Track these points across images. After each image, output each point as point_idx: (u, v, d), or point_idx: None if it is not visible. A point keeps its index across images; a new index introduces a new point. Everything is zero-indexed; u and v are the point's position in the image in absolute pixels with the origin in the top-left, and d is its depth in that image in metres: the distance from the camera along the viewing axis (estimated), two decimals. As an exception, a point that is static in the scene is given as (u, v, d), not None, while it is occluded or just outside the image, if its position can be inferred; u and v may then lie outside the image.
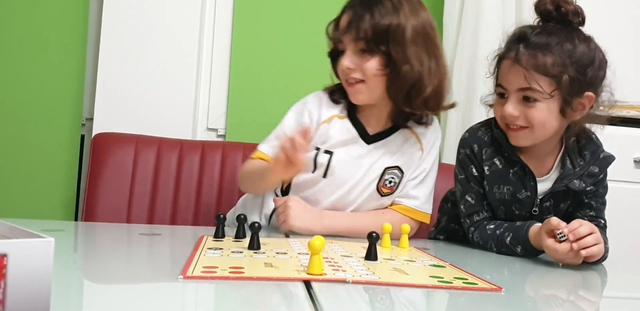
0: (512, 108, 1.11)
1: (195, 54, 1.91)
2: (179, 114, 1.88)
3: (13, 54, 1.89)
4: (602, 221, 1.19)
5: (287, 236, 1.16)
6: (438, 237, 1.36)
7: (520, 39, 1.11)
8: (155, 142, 1.61)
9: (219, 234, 1.01)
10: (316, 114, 1.27)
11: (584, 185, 1.15)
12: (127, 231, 1.15)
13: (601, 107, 1.13)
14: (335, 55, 1.25)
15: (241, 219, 1.03)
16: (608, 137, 1.19)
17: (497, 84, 1.15)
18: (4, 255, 0.40)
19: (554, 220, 1.00)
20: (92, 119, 1.85)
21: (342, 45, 1.21)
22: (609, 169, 1.19)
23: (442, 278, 0.78)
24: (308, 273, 0.73)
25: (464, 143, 1.22)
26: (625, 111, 1.88)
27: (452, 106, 1.29)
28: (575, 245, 0.96)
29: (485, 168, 1.19)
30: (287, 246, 0.97)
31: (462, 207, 1.22)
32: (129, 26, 1.85)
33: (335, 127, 1.26)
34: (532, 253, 1.09)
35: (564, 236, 0.97)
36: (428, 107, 1.23)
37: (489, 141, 1.19)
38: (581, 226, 0.98)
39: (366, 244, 0.91)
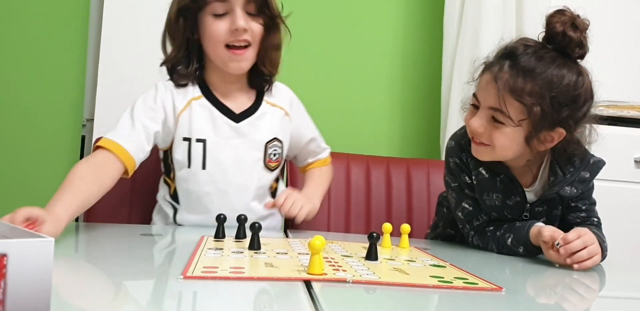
0: (478, 124, 1.07)
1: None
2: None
3: (13, 56, 1.89)
4: (595, 220, 1.18)
5: (287, 236, 1.16)
6: (435, 240, 1.36)
7: (509, 55, 1.05)
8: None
9: (220, 235, 1.01)
10: (170, 103, 1.22)
11: (575, 191, 1.14)
12: (128, 232, 1.15)
13: (578, 136, 1.09)
14: (189, 13, 1.18)
15: (241, 220, 1.03)
16: (608, 137, 1.17)
17: (474, 94, 1.10)
18: (4, 255, 0.40)
19: (547, 235, 1.01)
20: (92, 119, 1.85)
21: (223, 6, 1.15)
22: (610, 170, 1.19)
23: (443, 277, 0.79)
24: (308, 273, 0.73)
25: (452, 152, 1.21)
26: (625, 111, 1.88)
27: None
28: (568, 260, 0.97)
29: (473, 177, 1.18)
30: (287, 246, 0.97)
31: (459, 214, 1.21)
32: (129, 27, 1.86)
33: (196, 112, 1.23)
34: (534, 253, 1.09)
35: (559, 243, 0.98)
36: (276, 67, 1.28)
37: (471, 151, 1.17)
38: (575, 239, 0.97)
39: (366, 244, 0.91)
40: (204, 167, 1.22)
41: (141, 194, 1.47)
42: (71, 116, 1.91)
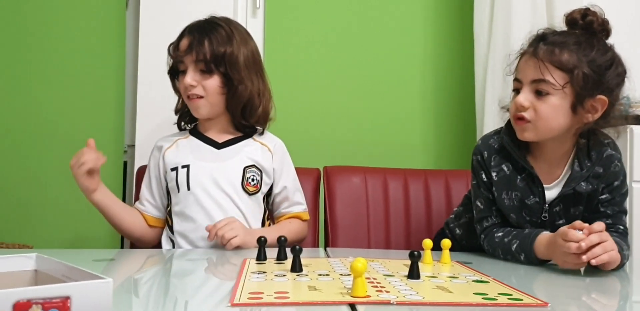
0: (523, 98, 1.12)
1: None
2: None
3: (54, 84, 1.97)
4: (621, 228, 1.18)
5: (327, 256, 1.17)
6: (454, 229, 1.41)
7: (540, 38, 1.14)
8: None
9: (261, 257, 1.03)
10: (159, 145, 1.44)
11: (590, 187, 1.15)
12: (172, 257, 1.18)
13: (614, 117, 1.14)
14: (175, 73, 1.40)
15: (281, 241, 1.05)
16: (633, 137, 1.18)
17: (514, 79, 1.17)
18: (68, 298, 0.42)
19: (566, 230, 1.01)
20: (133, 146, 1.91)
21: (183, 66, 1.35)
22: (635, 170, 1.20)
23: (487, 294, 0.79)
24: (352, 296, 0.75)
25: (476, 150, 1.26)
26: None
27: (270, 119, 1.45)
28: (584, 257, 0.97)
29: (494, 174, 1.21)
30: (328, 267, 0.98)
31: (474, 212, 1.27)
32: (165, 54, 1.91)
33: (182, 146, 1.41)
34: (535, 262, 1.09)
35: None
36: (259, 121, 1.41)
37: (498, 148, 1.22)
38: (592, 235, 0.98)
39: (407, 261, 0.91)
40: (189, 188, 1.34)
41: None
42: (112, 142, 1.98)
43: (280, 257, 1.04)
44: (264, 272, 0.92)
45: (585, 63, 1.09)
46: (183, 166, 1.36)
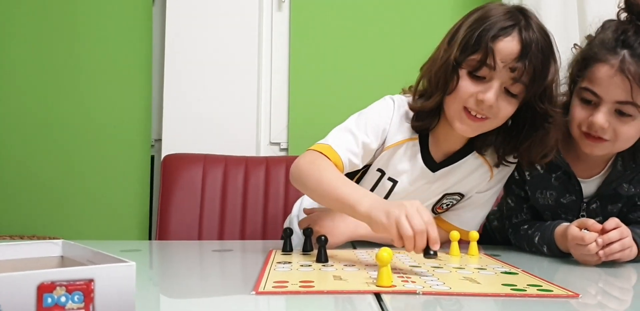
0: (604, 120, 1.02)
1: (255, 71, 1.96)
2: (243, 131, 1.94)
3: (83, 81, 2.00)
4: None
5: (354, 247, 1.16)
6: (493, 221, 1.38)
7: (623, 43, 1.01)
8: (221, 161, 1.66)
9: (287, 248, 1.03)
10: (389, 132, 1.13)
11: (633, 190, 1.11)
12: (199, 248, 1.19)
13: None
14: (455, 66, 1.04)
15: (307, 232, 1.04)
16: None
17: (585, 88, 1.05)
18: (91, 280, 0.42)
19: (587, 220, 0.98)
20: (160, 140, 1.93)
21: (488, 72, 1.02)
22: None
23: (515, 285, 0.77)
24: (378, 285, 0.74)
25: None
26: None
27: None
28: (601, 252, 0.95)
29: (527, 173, 1.17)
30: (354, 258, 0.97)
31: (504, 208, 1.24)
32: (190, 50, 1.93)
33: (403, 153, 1.14)
34: (557, 254, 1.06)
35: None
36: (534, 162, 1.13)
37: None
38: (612, 231, 0.95)
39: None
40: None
41: (211, 212, 1.52)
42: (140, 137, 2.00)
43: (306, 248, 1.03)
44: (290, 262, 0.92)
45: None
46: (390, 179, 1.16)
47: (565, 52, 1.12)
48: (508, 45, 1.00)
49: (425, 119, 1.12)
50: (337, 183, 0.99)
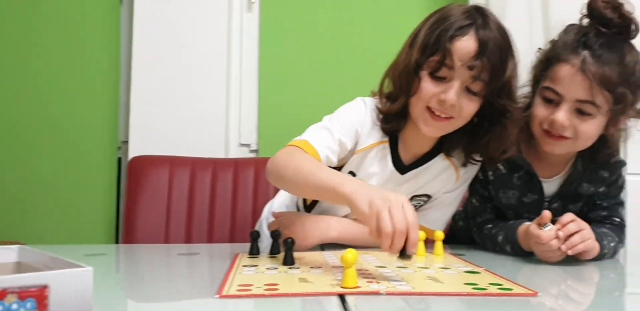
0: (565, 118, 1.05)
1: (224, 72, 1.95)
2: (211, 132, 1.92)
3: (48, 81, 1.96)
4: (617, 220, 1.17)
5: (322, 249, 1.17)
6: (458, 222, 1.38)
7: (585, 45, 1.04)
8: (189, 163, 1.65)
9: (254, 251, 1.03)
10: (361, 135, 1.14)
11: (592, 189, 1.14)
12: (166, 252, 1.18)
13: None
14: (415, 68, 1.06)
15: (275, 235, 1.04)
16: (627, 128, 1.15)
17: (547, 87, 1.08)
18: (46, 286, 0.42)
19: (545, 212, 1.00)
20: (127, 142, 1.91)
21: (448, 73, 1.03)
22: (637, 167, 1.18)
23: (477, 284, 0.78)
24: (342, 287, 0.74)
25: None
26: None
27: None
28: (563, 246, 0.97)
29: (490, 173, 1.20)
30: (321, 260, 0.98)
31: (468, 208, 1.26)
32: (158, 51, 1.91)
33: (374, 156, 1.15)
34: (520, 253, 1.08)
35: (548, 226, 0.98)
36: (494, 158, 1.15)
37: None
38: (570, 223, 0.98)
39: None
40: None
41: (178, 215, 1.51)
42: (106, 139, 1.97)
43: (274, 251, 1.03)
44: (256, 265, 0.91)
45: (629, 83, 1.03)
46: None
47: (529, 55, 1.15)
48: (465, 45, 1.02)
49: (393, 121, 1.13)
50: (318, 170, 0.98)
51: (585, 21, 1.08)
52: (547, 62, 1.10)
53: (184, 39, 1.93)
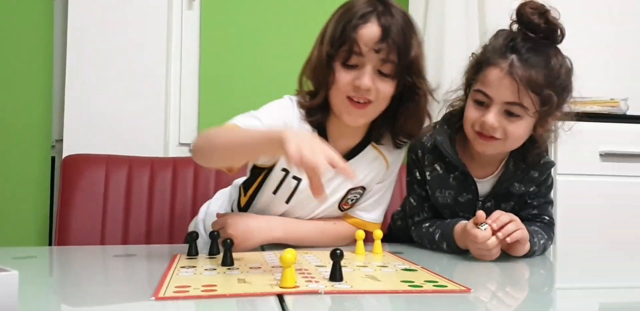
0: (494, 119, 1.09)
1: (164, 69, 1.92)
2: (150, 131, 1.89)
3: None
4: (547, 218, 1.23)
5: (262, 249, 1.16)
6: (397, 221, 1.42)
7: (512, 49, 1.09)
8: (125, 162, 1.60)
9: (192, 252, 1.01)
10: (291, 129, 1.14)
11: (523, 189, 1.20)
12: (102, 253, 1.15)
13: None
14: (328, 61, 1.10)
15: (214, 236, 1.03)
16: (574, 132, 1.21)
17: (478, 90, 1.12)
18: (-34, 292, 0.40)
19: (479, 212, 1.04)
20: (62, 140, 1.84)
21: (358, 60, 1.08)
22: (577, 164, 1.23)
23: (413, 282, 0.80)
24: (281, 287, 0.74)
25: (411, 148, 1.26)
26: (588, 106, 1.93)
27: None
28: (499, 234, 1.01)
29: (427, 173, 1.23)
30: (261, 260, 0.97)
31: (407, 208, 1.29)
32: (94, 47, 1.86)
33: None
34: (456, 250, 1.12)
35: (484, 225, 1.01)
36: (407, 137, 1.22)
37: (431, 147, 1.22)
38: (501, 215, 1.03)
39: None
40: (287, 201, 1.19)
41: (114, 215, 1.47)
42: (40, 137, 1.90)
43: (213, 252, 1.02)
44: (194, 267, 0.90)
45: (554, 86, 1.08)
46: (295, 178, 1.17)
47: (465, 60, 1.20)
48: (369, 31, 1.07)
49: (317, 114, 1.17)
50: (251, 132, 1.00)
51: (515, 27, 1.13)
52: (478, 66, 1.14)
53: (121, 35, 1.88)
